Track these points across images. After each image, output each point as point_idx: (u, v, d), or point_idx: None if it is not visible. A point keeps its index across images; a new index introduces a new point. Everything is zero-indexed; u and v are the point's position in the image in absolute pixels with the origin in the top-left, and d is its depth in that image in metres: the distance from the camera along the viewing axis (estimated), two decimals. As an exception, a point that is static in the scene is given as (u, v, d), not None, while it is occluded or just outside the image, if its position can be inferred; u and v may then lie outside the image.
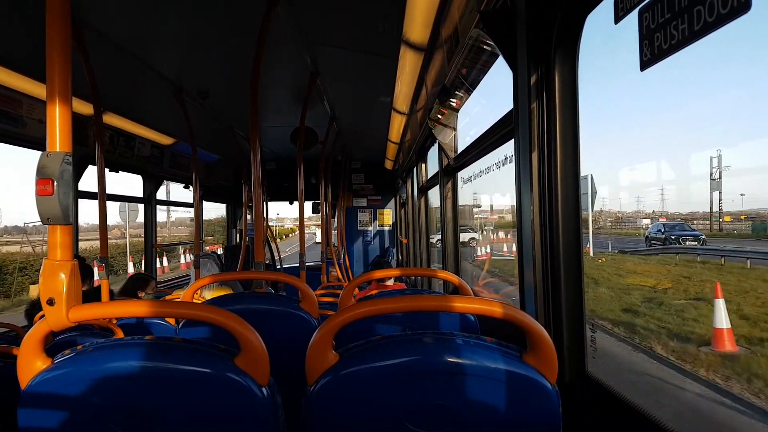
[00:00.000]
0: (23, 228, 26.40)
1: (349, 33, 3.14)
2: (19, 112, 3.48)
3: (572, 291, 1.66)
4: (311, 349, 1.17)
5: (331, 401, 1.16)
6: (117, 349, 1.23)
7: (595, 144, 32.98)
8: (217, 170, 7.76)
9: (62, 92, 1.29)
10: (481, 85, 3.05)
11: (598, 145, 45.21)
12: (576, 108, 1.65)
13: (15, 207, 76.40)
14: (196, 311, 1.36)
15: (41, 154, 1.30)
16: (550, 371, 1.15)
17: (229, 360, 1.19)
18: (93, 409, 1.17)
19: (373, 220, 9.58)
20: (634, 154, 51.92)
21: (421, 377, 1.15)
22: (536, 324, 1.15)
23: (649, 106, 49.21)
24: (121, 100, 4.29)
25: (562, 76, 1.65)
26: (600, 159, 45.43)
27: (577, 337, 1.66)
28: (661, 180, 27.36)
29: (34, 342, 1.21)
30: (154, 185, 5.93)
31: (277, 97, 4.53)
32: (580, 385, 1.62)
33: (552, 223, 1.68)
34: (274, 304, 2.12)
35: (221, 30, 2.99)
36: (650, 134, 47.48)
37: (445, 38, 2.58)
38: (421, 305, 1.35)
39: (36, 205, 1.30)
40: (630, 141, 52.41)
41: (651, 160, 39.01)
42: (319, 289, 4.72)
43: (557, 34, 1.62)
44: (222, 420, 1.18)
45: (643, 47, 1.21)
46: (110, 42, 2.98)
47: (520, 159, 1.82)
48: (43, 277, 1.28)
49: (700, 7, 1.02)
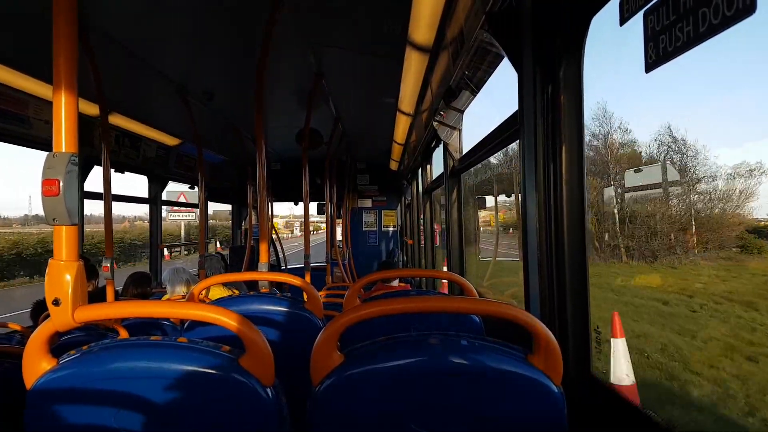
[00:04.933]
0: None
1: (354, 34, 3.14)
2: (26, 113, 3.50)
3: (577, 292, 1.65)
4: (316, 349, 1.17)
5: (336, 402, 1.16)
6: (122, 349, 1.24)
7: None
8: (223, 171, 7.78)
9: (68, 93, 1.30)
10: (486, 86, 3.05)
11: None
12: (581, 109, 1.65)
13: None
14: (201, 312, 1.36)
15: (47, 154, 1.31)
16: (556, 373, 1.14)
17: (234, 361, 1.19)
18: (98, 409, 1.18)
19: (378, 221, 9.58)
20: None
21: (427, 378, 1.14)
22: (541, 325, 1.15)
23: (654, 108, 48.77)
24: (127, 101, 4.31)
25: (567, 77, 1.64)
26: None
27: (582, 338, 1.65)
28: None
29: (39, 342, 1.22)
30: (159, 186, 5.95)
31: (282, 98, 4.54)
32: (586, 387, 1.62)
33: (557, 225, 1.68)
34: (279, 304, 2.12)
35: (226, 31, 3.00)
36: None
37: (450, 39, 2.58)
38: (426, 306, 1.34)
39: (42, 205, 1.31)
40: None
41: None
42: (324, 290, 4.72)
43: (562, 35, 1.62)
44: (227, 420, 1.18)
45: (648, 49, 1.21)
46: (116, 43, 3.00)
47: (525, 160, 1.81)
48: (48, 277, 1.29)
49: (705, 9, 1.02)
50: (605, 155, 11.90)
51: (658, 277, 10.22)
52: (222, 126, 5.48)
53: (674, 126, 12.61)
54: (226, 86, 4.15)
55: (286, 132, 5.69)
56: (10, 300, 15.90)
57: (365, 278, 2.33)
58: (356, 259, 8.75)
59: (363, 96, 4.65)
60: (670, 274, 10.12)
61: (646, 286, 10.13)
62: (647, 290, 9.97)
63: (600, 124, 11.45)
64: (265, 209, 3.04)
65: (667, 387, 6.67)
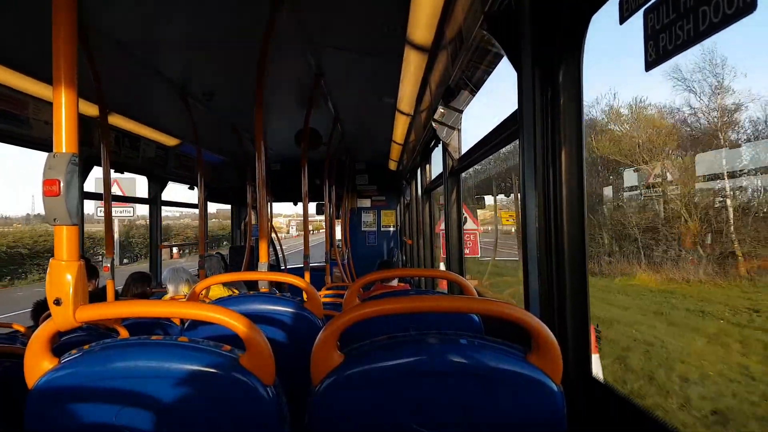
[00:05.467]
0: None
1: (353, 34, 3.15)
2: (26, 114, 3.50)
3: (576, 291, 1.66)
4: (316, 349, 1.17)
5: (336, 401, 1.16)
6: (124, 348, 1.24)
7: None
8: (222, 171, 7.78)
9: (69, 93, 1.30)
10: (485, 85, 3.05)
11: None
12: (581, 109, 1.65)
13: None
14: (202, 311, 1.36)
15: (48, 155, 1.31)
16: (555, 372, 1.15)
17: (235, 360, 1.20)
18: (100, 408, 1.18)
19: (377, 221, 9.57)
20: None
21: (426, 377, 1.15)
22: (541, 324, 1.15)
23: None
24: (127, 102, 4.31)
25: (566, 76, 1.64)
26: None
27: (581, 337, 1.65)
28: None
29: (41, 342, 1.22)
30: (159, 186, 5.96)
31: (281, 98, 4.54)
32: (585, 385, 1.62)
33: (556, 224, 1.68)
34: (279, 304, 2.12)
35: (226, 31, 3.01)
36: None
37: (449, 39, 2.58)
38: (425, 305, 1.35)
39: (43, 205, 1.31)
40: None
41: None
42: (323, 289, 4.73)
43: (562, 34, 1.62)
44: (227, 420, 1.18)
45: (648, 48, 1.21)
46: (116, 44, 3.00)
47: (525, 159, 1.82)
48: (49, 277, 1.29)
49: (705, 8, 1.02)
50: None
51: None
52: (221, 126, 5.49)
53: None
54: (225, 86, 4.15)
55: (285, 132, 5.70)
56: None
57: (364, 278, 2.33)
58: (355, 259, 8.75)
59: (362, 96, 4.66)
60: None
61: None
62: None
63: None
64: (264, 209, 3.04)
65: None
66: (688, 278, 8.43)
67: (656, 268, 9.54)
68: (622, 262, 10.30)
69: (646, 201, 11.21)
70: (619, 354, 6.77)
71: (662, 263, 9.51)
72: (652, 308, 8.38)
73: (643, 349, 6.64)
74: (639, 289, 9.51)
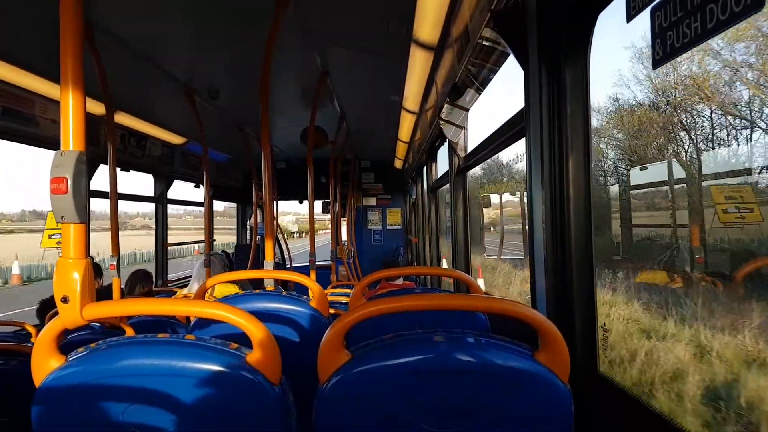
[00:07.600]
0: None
1: (358, 33, 3.14)
2: (33, 112, 3.52)
3: (584, 289, 1.65)
4: (323, 347, 1.17)
5: (343, 399, 1.16)
6: (131, 347, 1.25)
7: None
8: (228, 170, 7.80)
9: (76, 91, 1.31)
10: (491, 84, 3.04)
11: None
12: (588, 107, 1.64)
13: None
14: (209, 309, 1.37)
15: (55, 153, 1.32)
16: (563, 370, 1.14)
17: (242, 358, 1.20)
18: (107, 406, 1.19)
19: (382, 219, 9.57)
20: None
21: (433, 376, 1.15)
22: (548, 322, 1.15)
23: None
24: (132, 100, 4.32)
25: (573, 74, 1.64)
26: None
27: (589, 335, 1.65)
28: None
29: (48, 340, 1.23)
30: (165, 185, 5.97)
31: (287, 96, 4.54)
32: (593, 384, 1.61)
33: (563, 222, 1.67)
34: (285, 302, 2.13)
35: (231, 30, 3.01)
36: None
37: (455, 37, 2.57)
38: (432, 304, 1.34)
39: (50, 203, 1.32)
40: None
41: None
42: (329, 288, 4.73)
43: (569, 33, 1.61)
44: (234, 418, 1.19)
45: (655, 46, 1.20)
46: (121, 42, 3.01)
47: (531, 157, 1.81)
48: (57, 275, 1.30)
49: (713, 6, 1.01)
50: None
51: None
52: (227, 125, 5.49)
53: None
54: (231, 85, 4.16)
55: (291, 131, 5.70)
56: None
57: (370, 276, 2.33)
58: (361, 258, 8.75)
59: (368, 94, 4.65)
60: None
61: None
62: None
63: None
64: (270, 208, 3.05)
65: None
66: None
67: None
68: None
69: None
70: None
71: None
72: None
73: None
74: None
